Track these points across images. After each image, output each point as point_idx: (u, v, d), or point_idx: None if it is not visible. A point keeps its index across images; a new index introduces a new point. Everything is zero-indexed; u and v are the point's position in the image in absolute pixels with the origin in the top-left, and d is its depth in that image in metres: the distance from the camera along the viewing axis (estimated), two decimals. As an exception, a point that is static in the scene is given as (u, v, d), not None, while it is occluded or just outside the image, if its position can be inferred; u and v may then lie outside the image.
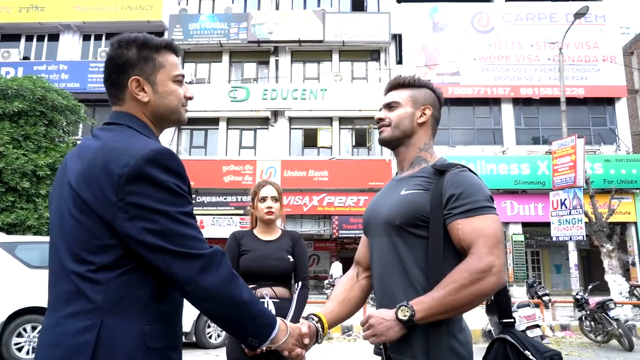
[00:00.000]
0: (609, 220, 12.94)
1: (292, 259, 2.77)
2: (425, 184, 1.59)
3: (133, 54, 1.34)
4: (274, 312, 2.35)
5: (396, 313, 1.42)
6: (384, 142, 1.74)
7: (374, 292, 1.68)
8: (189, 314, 7.16)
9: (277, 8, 20.07)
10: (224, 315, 1.29)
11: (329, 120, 19.15)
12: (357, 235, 18.74)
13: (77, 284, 1.20)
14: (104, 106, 19.09)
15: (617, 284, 12.15)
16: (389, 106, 1.72)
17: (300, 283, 2.79)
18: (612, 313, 8.46)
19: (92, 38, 19.88)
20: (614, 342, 8.63)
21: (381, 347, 1.54)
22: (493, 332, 6.37)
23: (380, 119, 1.73)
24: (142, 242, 1.20)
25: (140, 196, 1.19)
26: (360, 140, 19.22)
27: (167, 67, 1.38)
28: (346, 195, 18.07)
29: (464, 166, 1.60)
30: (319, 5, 20.04)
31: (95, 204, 1.21)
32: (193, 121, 19.03)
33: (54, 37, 19.81)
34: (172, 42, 1.42)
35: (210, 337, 8.41)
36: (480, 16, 19.36)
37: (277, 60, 19.70)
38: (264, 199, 2.82)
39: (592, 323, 9.03)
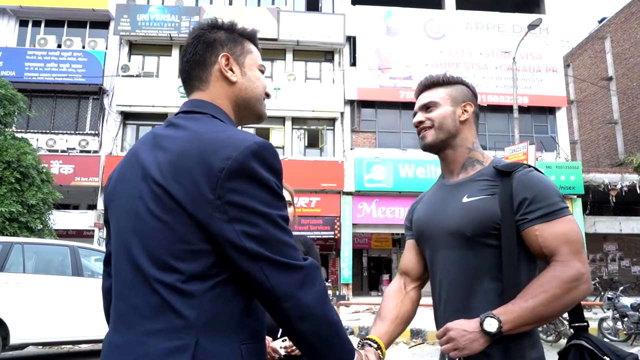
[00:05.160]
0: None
1: None
2: (490, 188, 1.47)
3: (222, 34, 1.26)
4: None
5: (481, 324, 1.33)
6: (428, 147, 1.62)
7: (438, 307, 1.56)
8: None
9: (230, 3, 19.62)
10: (317, 337, 1.09)
11: (281, 119, 18.90)
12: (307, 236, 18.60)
13: (164, 296, 1.01)
14: (41, 97, 17.96)
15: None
16: (426, 107, 1.62)
17: None
18: (564, 314, 8.78)
19: (30, 24, 18.59)
20: (564, 341, 8.93)
21: None
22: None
23: (420, 122, 1.62)
24: (241, 248, 1.02)
25: (242, 195, 1.02)
26: (313, 141, 19.12)
27: (254, 53, 1.30)
28: (298, 196, 17.88)
29: (530, 165, 1.50)
30: (273, 3, 19.74)
31: (187, 202, 1.02)
32: (139, 116, 18.27)
33: (-13, 21, 18.40)
34: (256, 32, 1.35)
35: None
36: (432, 23, 19.77)
37: (229, 57, 19.22)
38: None
39: (544, 323, 9.34)
